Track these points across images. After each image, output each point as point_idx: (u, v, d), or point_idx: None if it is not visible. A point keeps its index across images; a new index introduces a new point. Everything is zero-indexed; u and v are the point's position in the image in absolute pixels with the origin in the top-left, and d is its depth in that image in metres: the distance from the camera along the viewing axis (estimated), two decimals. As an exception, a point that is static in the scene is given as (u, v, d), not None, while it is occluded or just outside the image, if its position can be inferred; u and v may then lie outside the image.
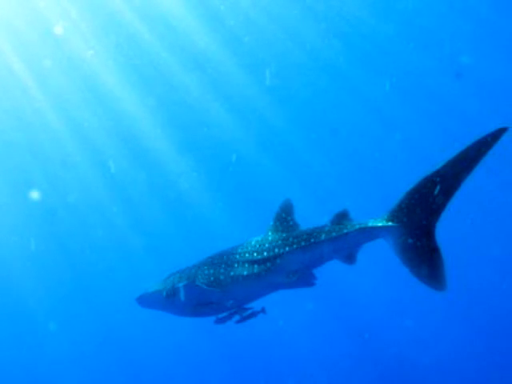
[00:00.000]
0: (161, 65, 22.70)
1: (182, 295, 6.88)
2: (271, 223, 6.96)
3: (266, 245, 6.77)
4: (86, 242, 27.98)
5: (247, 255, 6.83)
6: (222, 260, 6.94)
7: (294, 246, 6.56)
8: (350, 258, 6.52)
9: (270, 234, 6.90)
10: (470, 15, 22.85)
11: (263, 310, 7.10)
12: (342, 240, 6.36)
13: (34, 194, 24.56)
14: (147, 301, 7.45)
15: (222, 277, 6.84)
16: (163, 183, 26.73)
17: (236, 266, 6.84)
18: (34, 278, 28.06)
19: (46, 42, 20.84)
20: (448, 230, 6.81)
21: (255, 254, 6.78)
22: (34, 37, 20.52)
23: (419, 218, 5.99)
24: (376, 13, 22.36)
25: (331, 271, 7.30)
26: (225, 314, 7.11)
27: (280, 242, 6.71)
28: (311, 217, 6.78)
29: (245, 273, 6.74)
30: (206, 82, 23.56)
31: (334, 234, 6.36)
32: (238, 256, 6.88)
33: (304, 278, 6.69)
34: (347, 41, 23.28)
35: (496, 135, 5.49)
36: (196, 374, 25.79)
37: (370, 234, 6.28)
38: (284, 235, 6.75)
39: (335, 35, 23.02)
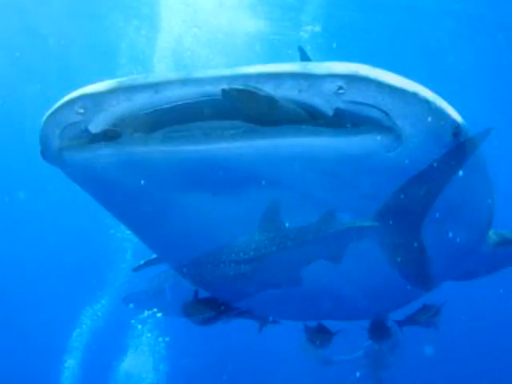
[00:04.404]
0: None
1: (168, 295, 6.87)
2: (258, 223, 6.94)
3: (253, 245, 6.76)
4: (72, 241, 27.89)
5: (233, 255, 6.81)
6: (209, 260, 6.93)
7: (281, 246, 6.54)
8: (336, 258, 6.50)
9: (256, 233, 6.88)
10: (456, 15, 22.93)
11: (250, 310, 7.09)
12: (329, 240, 6.34)
13: (21, 194, 24.48)
14: (134, 300, 7.44)
15: (208, 277, 6.82)
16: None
17: (222, 266, 6.82)
18: (21, 278, 27.97)
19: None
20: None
21: (241, 254, 6.76)
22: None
23: (406, 217, 5.98)
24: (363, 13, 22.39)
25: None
26: (211, 314, 7.11)
27: (266, 241, 6.69)
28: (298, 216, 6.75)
29: (231, 273, 6.72)
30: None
31: (320, 233, 6.34)
32: (224, 256, 6.87)
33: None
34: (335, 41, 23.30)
35: (482, 136, 5.48)
36: (183, 374, 25.79)
37: (357, 233, 6.26)
38: (271, 235, 6.73)
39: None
